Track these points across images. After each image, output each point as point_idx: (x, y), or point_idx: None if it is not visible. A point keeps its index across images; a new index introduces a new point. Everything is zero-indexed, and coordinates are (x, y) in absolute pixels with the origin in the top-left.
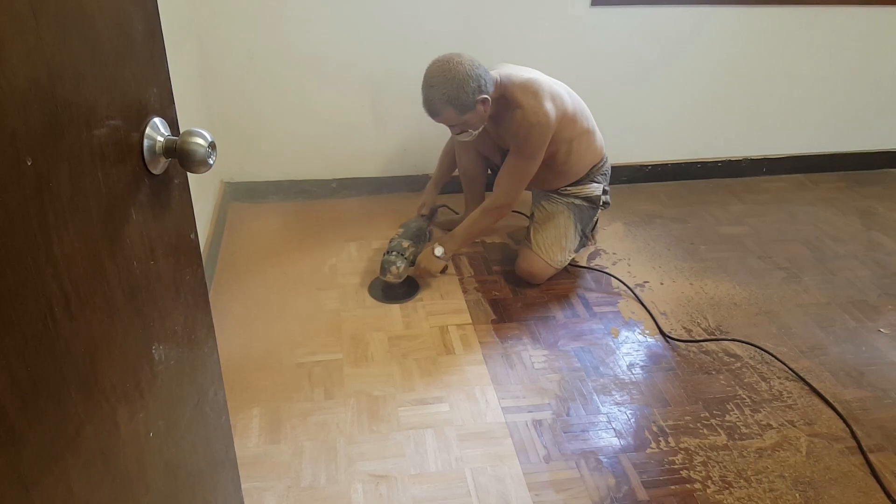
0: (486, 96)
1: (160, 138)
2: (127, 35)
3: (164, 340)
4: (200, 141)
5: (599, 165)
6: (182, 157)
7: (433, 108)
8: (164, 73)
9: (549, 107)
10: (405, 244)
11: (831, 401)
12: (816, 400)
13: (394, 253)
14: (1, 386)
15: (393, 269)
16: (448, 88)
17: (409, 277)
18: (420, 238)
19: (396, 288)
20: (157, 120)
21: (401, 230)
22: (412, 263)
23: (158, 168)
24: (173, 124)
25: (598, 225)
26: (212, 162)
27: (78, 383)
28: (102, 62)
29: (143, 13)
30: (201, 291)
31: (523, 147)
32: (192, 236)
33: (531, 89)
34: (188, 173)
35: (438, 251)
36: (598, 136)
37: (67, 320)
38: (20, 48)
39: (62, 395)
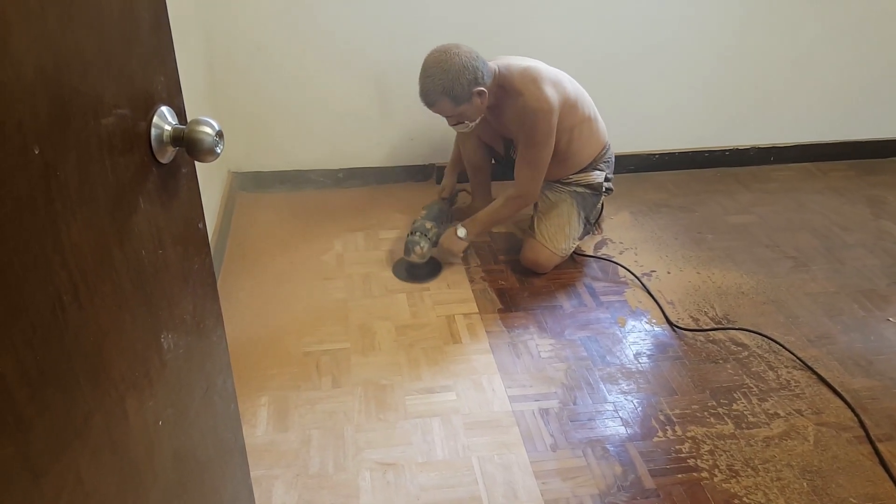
0: (482, 89)
1: (167, 127)
2: (134, 23)
3: (173, 329)
4: (208, 130)
5: (602, 153)
6: (190, 146)
7: (429, 98)
8: (172, 62)
9: (549, 91)
10: (428, 225)
11: (839, 390)
12: (824, 389)
13: (417, 233)
14: (10, 374)
15: (417, 248)
16: (444, 79)
17: (431, 258)
18: (442, 220)
19: (420, 268)
20: (164, 109)
21: (424, 212)
22: (435, 244)
23: (166, 157)
24: (181, 113)
25: (604, 214)
26: (219, 151)
27: (86, 372)
28: (109, 50)
29: (149, 1)
30: (210, 280)
31: (532, 135)
32: (201, 225)
33: (530, 75)
34: (196, 163)
35: (461, 232)
36: (601, 123)
37: (76, 309)
38: (26, 36)
39: (71, 383)
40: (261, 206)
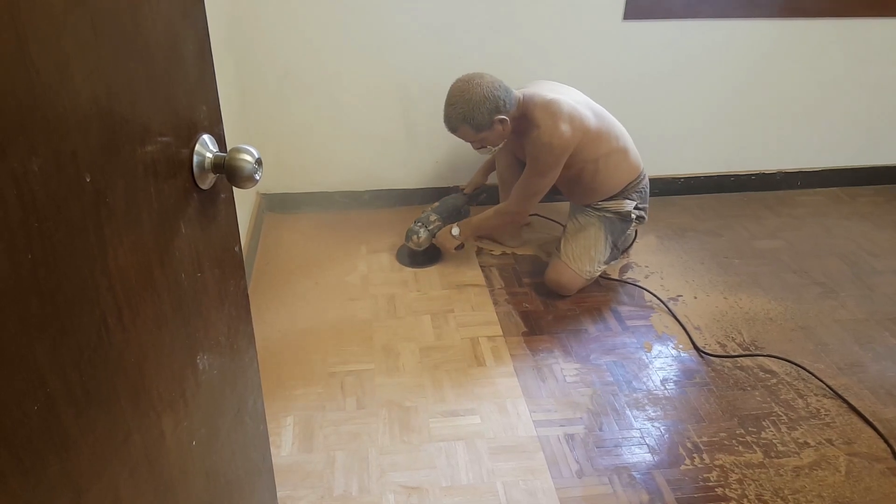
0: (503, 117)
1: (209, 155)
2: (179, 55)
3: (208, 350)
4: (248, 157)
5: (635, 183)
6: (230, 172)
7: (451, 124)
8: (213, 92)
9: (564, 128)
10: (433, 217)
11: (871, 419)
12: (855, 418)
13: (419, 223)
14: (57, 394)
15: (415, 237)
16: (465, 108)
17: (433, 247)
18: (452, 214)
19: (419, 255)
20: (206, 137)
21: (436, 204)
22: (434, 236)
23: (207, 183)
24: (221, 141)
25: (635, 242)
26: (258, 178)
27: (127, 391)
28: (156, 81)
29: (194, 33)
30: (243, 302)
31: (536, 164)
32: (237, 249)
33: (550, 110)
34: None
35: (455, 231)
36: (633, 154)
37: (120, 331)
38: (82, 68)
39: (113, 403)
40: (288, 227)
